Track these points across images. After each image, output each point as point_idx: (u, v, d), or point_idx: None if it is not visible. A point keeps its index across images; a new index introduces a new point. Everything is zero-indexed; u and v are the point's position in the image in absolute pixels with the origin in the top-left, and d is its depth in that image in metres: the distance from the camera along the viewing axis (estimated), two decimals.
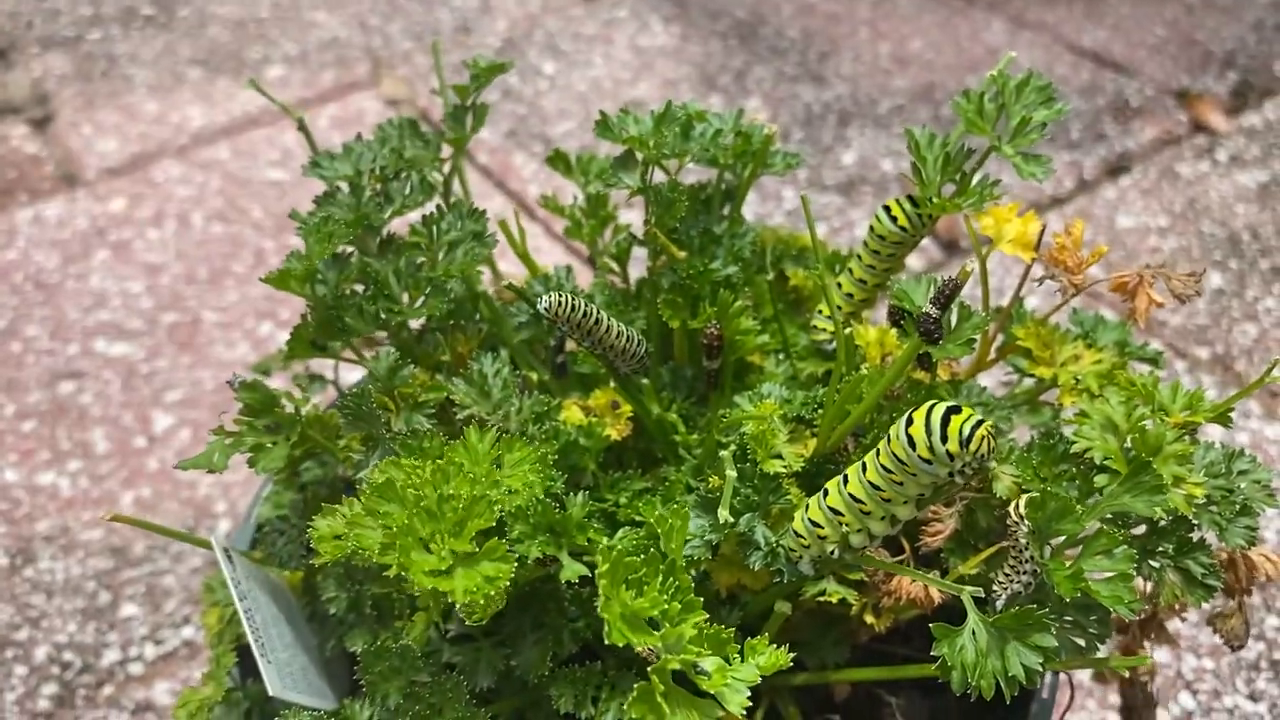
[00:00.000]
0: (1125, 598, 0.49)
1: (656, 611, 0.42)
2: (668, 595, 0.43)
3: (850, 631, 0.65)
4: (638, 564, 0.43)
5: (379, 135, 0.71)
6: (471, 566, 0.44)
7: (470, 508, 0.45)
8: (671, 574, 0.44)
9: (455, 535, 0.44)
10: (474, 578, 0.43)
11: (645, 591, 0.43)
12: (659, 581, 0.43)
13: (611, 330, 0.60)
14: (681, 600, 0.43)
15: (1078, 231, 0.63)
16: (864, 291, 0.69)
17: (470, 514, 0.45)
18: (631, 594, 0.42)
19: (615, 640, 0.41)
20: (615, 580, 0.42)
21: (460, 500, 0.45)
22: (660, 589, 0.43)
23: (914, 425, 0.47)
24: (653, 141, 0.64)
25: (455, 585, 0.43)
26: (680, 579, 0.44)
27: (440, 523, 0.44)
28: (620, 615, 0.42)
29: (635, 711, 0.40)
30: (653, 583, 0.43)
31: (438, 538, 0.44)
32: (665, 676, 0.42)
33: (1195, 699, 1.06)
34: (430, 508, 0.44)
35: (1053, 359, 0.63)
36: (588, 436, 0.63)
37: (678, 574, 0.44)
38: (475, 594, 0.43)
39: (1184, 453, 0.55)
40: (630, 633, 0.41)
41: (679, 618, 0.43)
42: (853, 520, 0.52)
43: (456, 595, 0.43)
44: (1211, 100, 1.79)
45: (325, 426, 0.62)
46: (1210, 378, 1.36)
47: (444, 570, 0.43)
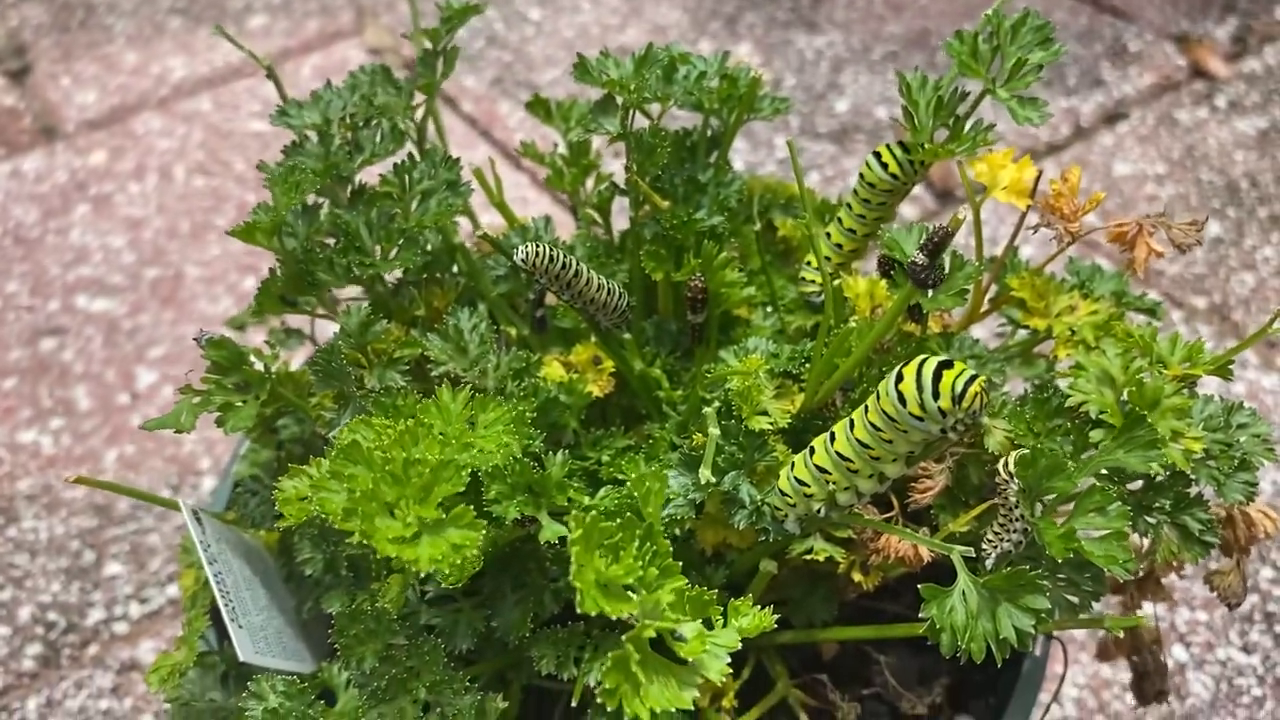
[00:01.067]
0: (1119, 557, 0.47)
1: (632, 579, 0.41)
2: (644, 561, 0.41)
3: (838, 589, 0.64)
4: (613, 529, 0.41)
5: (350, 82, 0.68)
6: (438, 534, 0.42)
7: (438, 473, 0.43)
8: (649, 539, 0.42)
9: (421, 501, 0.42)
10: (440, 546, 0.42)
11: (621, 558, 0.41)
12: (635, 547, 0.41)
13: (592, 283, 0.57)
14: (659, 565, 0.42)
15: (1074, 178, 0.60)
16: (854, 242, 0.66)
17: (437, 479, 0.43)
18: (606, 560, 0.41)
19: (588, 609, 0.39)
20: (589, 546, 0.40)
21: (427, 465, 0.43)
22: (637, 555, 0.41)
23: (904, 381, 0.45)
24: (633, 85, 0.62)
25: (420, 554, 0.41)
26: (658, 543, 0.42)
27: (405, 488, 0.43)
28: (594, 583, 0.40)
29: (610, 681, 0.39)
30: (629, 548, 0.41)
31: (403, 503, 0.42)
32: (642, 644, 0.40)
33: (1188, 651, 1.06)
34: (396, 472, 0.42)
35: (1047, 310, 0.61)
36: (569, 393, 0.61)
37: (655, 538, 0.42)
38: (441, 562, 0.41)
39: (1182, 406, 0.53)
40: (604, 600, 0.40)
41: (656, 583, 0.41)
42: (840, 478, 0.50)
43: (421, 564, 0.41)
44: (1211, 45, 1.75)
45: (297, 384, 0.60)
46: (1207, 327, 1.34)
47: (408, 538, 0.41)
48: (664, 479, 0.45)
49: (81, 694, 1.04)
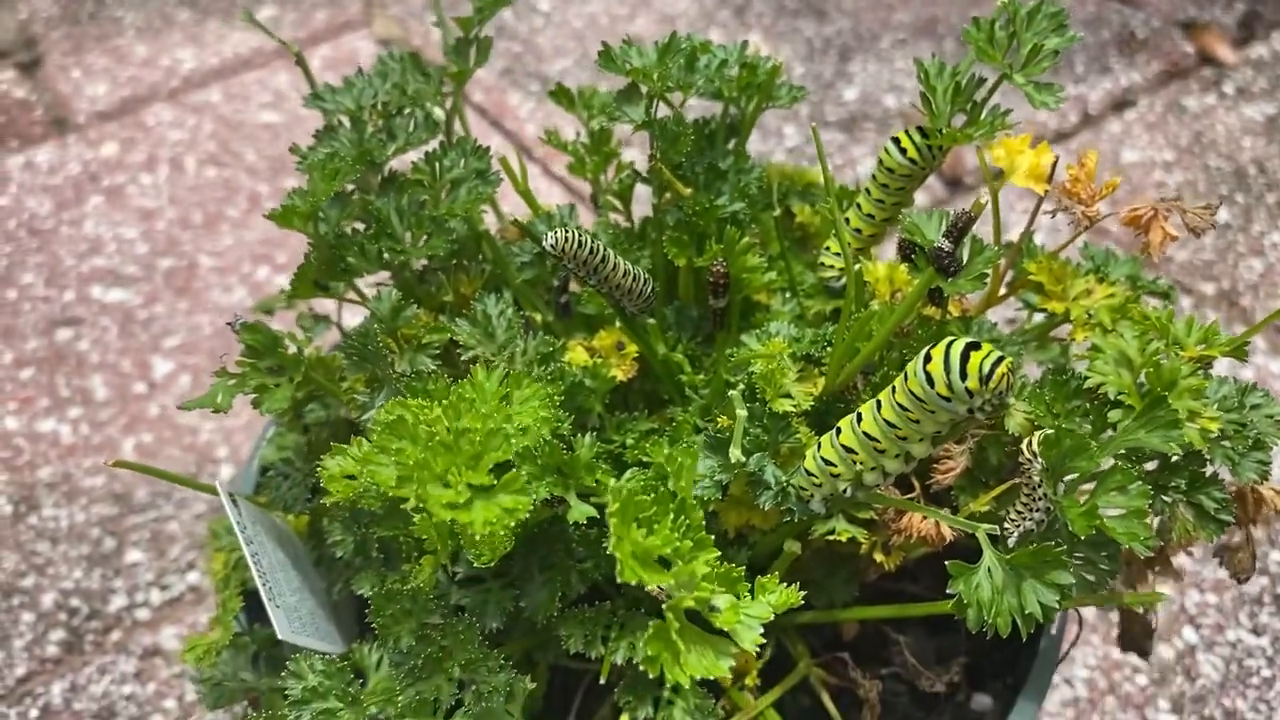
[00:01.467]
0: (1140, 534, 0.48)
1: (669, 550, 0.42)
2: (679, 533, 0.42)
3: (858, 570, 0.65)
4: (648, 503, 0.42)
5: (379, 69, 0.69)
6: (490, 499, 0.44)
7: (487, 440, 0.44)
8: (682, 512, 0.43)
9: (472, 468, 0.44)
10: (493, 510, 0.43)
11: (656, 530, 0.42)
12: (670, 520, 0.43)
13: (618, 269, 0.58)
14: (693, 538, 0.43)
15: (1091, 163, 0.61)
16: (872, 226, 0.67)
17: (487, 447, 0.44)
18: (643, 533, 0.42)
19: (627, 578, 0.40)
20: (626, 519, 0.41)
21: (476, 433, 0.44)
22: (671, 527, 0.42)
23: (932, 362, 0.46)
24: (657, 74, 0.63)
25: (474, 517, 0.42)
26: (691, 517, 0.43)
27: (457, 456, 0.44)
28: (632, 553, 0.41)
29: (651, 649, 0.40)
30: (663, 521, 0.43)
31: (454, 471, 0.43)
32: (679, 614, 0.41)
33: (1198, 633, 1.07)
34: (446, 442, 0.44)
35: (1064, 294, 0.62)
36: (593, 377, 0.62)
37: (688, 512, 0.43)
38: (495, 525, 0.43)
39: (1199, 387, 0.54)
40: (642, 570, 0.41)
41: (691, 555, 0.43)
42: (867, 458, 0.51)
43: (476, 526, 0.42)
44: (1218, 31, 1.76)
45: (328, 368, 0.61)
46: (1216, 313, 1.35)
47: (462, 503, 0.43)
48: (694, 455, 0.46)
49: (105, 679, 1.05)
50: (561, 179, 1.54)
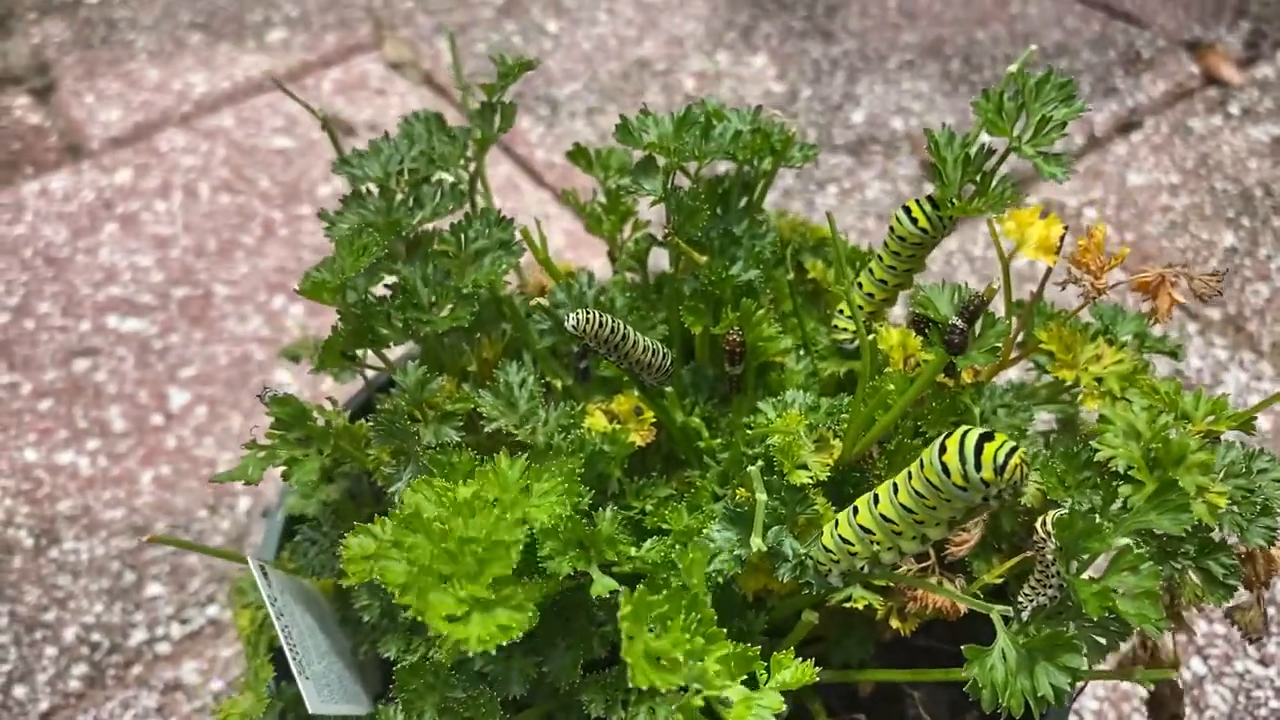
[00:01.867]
0: (1152, 616, 0.49)
1: (680, 652, 0.43)
2: (690, 632, 0.44)
3: (874, 629, 0.66)
4: (660, 601, 0.44)
5: (405, 131, 0.71)
6: (487, 613, 0.45)
7: (490, 551, 0.45)
8: (694, 608, 0.44)
9: (473, 579, 0.45)
10: (489, 625, 0.44)
11: (669, 628, 0.44)
12: (681, 619, 0.44)
13: (638, 345, 0.60)
14: (705, 634, 0.44)
15: (1100, 235, 0.62)
16: (885, 291, 0.69)
17: (490, 558, 0.45)
18: (656, 633, 0.43)
19: (639, 683, 0.42)
20: (638, 621, 0.43)
21: (481, 543, 0.45)
22: (683, 626, 0.44)
23: (947, 453, 0.47)
24: (673, 146, 0.64)
25: (470, 633, 0.44)
26: (703, 613, 0.44)
27: (459, 564, 0.45)
28: (644, 655, 0.42)
29: None
30: (676, 620, 0.44)
31: (456, 580, 0.45)
32: (691, 713, 0.43)
33: (1206, 664, 1.08)
34: (451, 549, 0.45)
35: (1074, 361, 0.63)
36: (612, 443, 0.64)
37: (700, 608, 0.44)
38: (488, 643, 0.44)
39: (1207, 462, 0.55)
40: (654, 674, 0.42)
41: (702, 652, 0.44)
42: (884, 539, 0.52)
43: (471, 644, 0.44)
44: (1224, 51, 1.77)
45: (354, 437, 0.62)
46: (1222, 339, 1.36)
47: (459, 616, 0.44)
48: (706, 551, 0.48)
49: (128, 714, 1.07)
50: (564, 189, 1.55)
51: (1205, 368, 1.33)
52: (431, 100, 1.72)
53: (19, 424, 1.32)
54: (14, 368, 1.39)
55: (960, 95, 1.71)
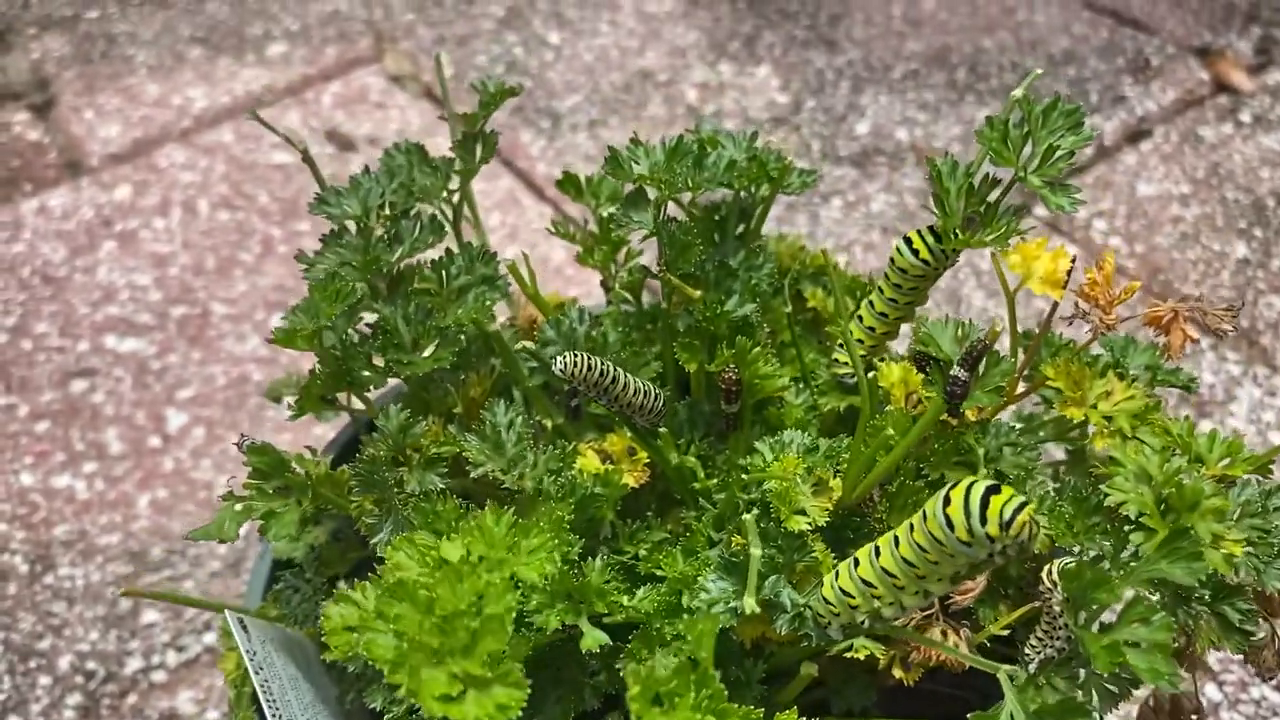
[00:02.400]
0: (1164, 670, 0.47)
1: None
2: (701, 711, 0.42)
3: (876, 676, 0.64)
4: (667, 679, 0.42)
5: (386, 165, 0.69)
6: (484, 691, 0.43)
7: (484, 624, 0.43)
8: (704, 684, 0.42)
9: (466, 655, 0.43)
10: (486, 705, 0.42)
11: (678, 706, 0.42)
12: (691, 697, 0.42)
13: (628, 388, 0.58)
14: (715, 710, 0.42)
15: (1109, 267, 0.60)
16: (886, 324, 0.67)
17: (483, 632, 0.43)
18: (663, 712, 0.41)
19: None
20: (646, 699, 0.41)
21: (471, 617, 0.43)
22: (693, 705, 0.42)
23: (951, 505, 0.45)
24: (665, 178, 0.62)
25: (466, 714, 0.42)
26: (713, 689, 0.42)
27: (451, 639, 0.43)
28: None
29: None
30: (685, 696, 0.42)
31: (449, 657, 0.43)
32: None
33: (1221, 691, 1.06)
34: (441, 624, 0.43)
35: (1083, 398, 0.61)
36: (605, 485, 0.62)
37: (709, 683, 0.42)
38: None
39: (1222, 508, 0.53)
40: None
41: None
42: (885, 593, 0.50)
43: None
44: (1234, 58, 1.74)
45: (336, 484, 0.60)
46: (1235, 354, 1.33)
47: (454, 695, 0.42)
48: (716, 622, 0.45)
49: None
50: (573, 218, 1.53)
51: (1218, 384, 1.30)
52: (431, 113, 1.70)
53: (15, 447, 1.31)
54: (11, 389, 1.37)
55: (966, 104, 1.69)
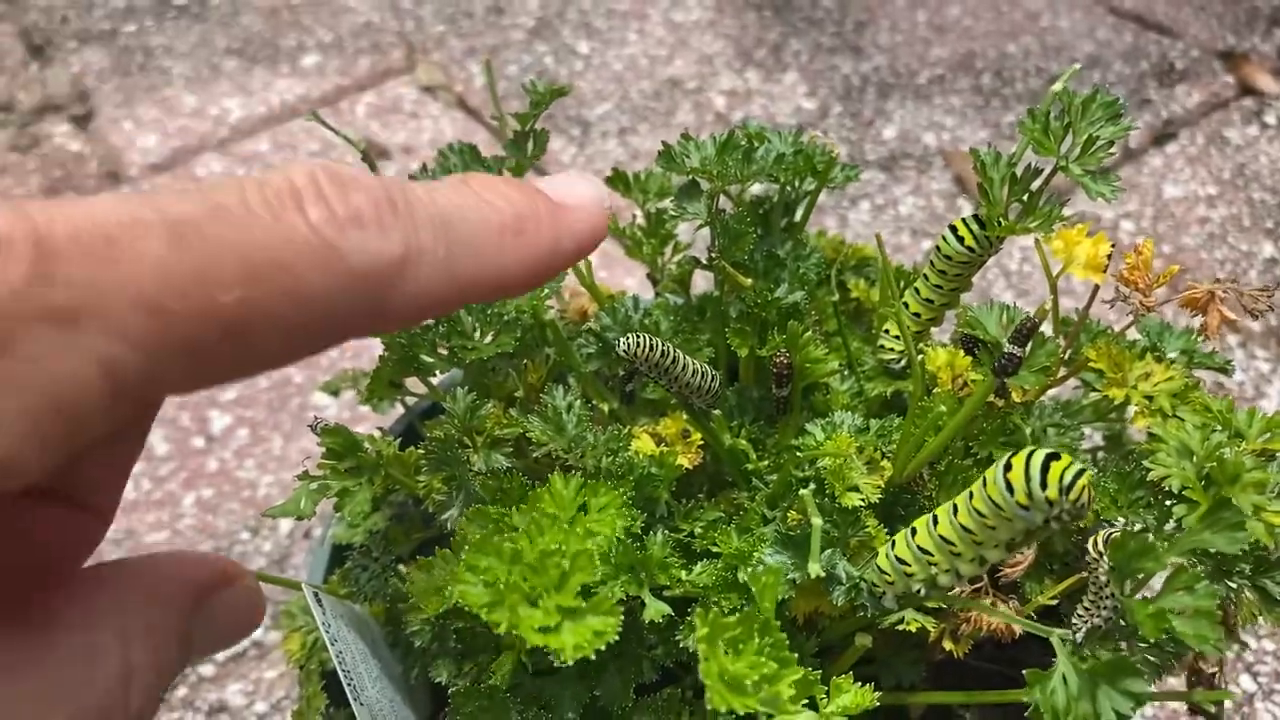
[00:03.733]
0: (1210, 636, 0.49)
1: (756, 675, 0.43)
2: (764, 655, 0.44)
3: (925, 650, 0.66)
4: (733, 624, 0.44)
5: (441, 163, 0.71)
6: (578, 621, 0.45)
7: (574, 561, 0.46)
8: (767, 632, 0.44)
9: (559, 590, 0.45)
10: (583, 632, 0.44)
11: (743, 652, 0.44)
12: (755, 643, 0.44)
13: (687, 368, 0.60)
14: (777, 658, 0.44)
15: (1148, 252, 0.62)
16: (931, 310, 0.69)
17: (574, 568, 0.46)
18: (730, 657, 0.43)
19: (717, 706, 0.42)
20: (714, 643, 0.43)
21: (564, 554, 0.46)
22: (757, 649, 0.44)
23: (1013, 471, 0.47)
24: (717, 170, 0.64)
25: (565, 641, 0.44)
26: (775, 637, 0.44)
27: (543, 577, 0.45)
28: (719, 677, 0.43)
29: None
30: (749, 643, 0.44)
31: (543, 594, 0.45)
32: None
33: (1256, 681, 1.07)
34: (533, 563, 0.45)
35: (1124, 379, 0.63)
36: (660, 466, 0.64)
37: (772, 632, 0.45)
38: (585, 649, 0.44)
39: (1262, 481, 0.55)
40: (731, 696, 0.42)
41: (776, 676, 0.44)
42: (942, 560, 0.52)
43: (567, 652, 0.44)
44: (1259, 60, 1.75)
45: (404, 464, 0.63)
46: (1264, 351, 1.35)
47: (552, 627, 0.44)
48: (779, 573, 0.48)
49: None
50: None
51: (1248, 380, 1.32)
52: (464, 122, 1.73)
53: None
54: None
55: (992, 109, 1.71)
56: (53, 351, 0.24)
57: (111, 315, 0.25)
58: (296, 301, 0.27)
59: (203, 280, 0.26)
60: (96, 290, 0.24)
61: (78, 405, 0.25)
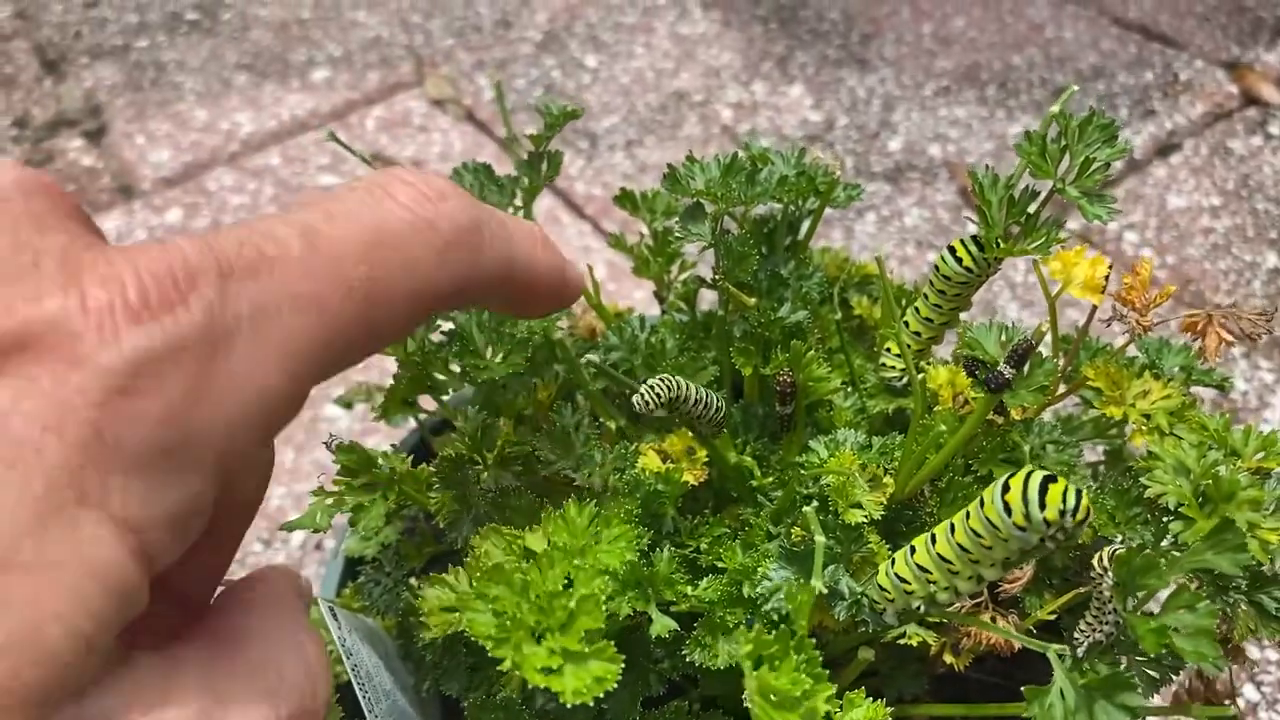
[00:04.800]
0: (1209, 654, 0.50)
1: (797, 691, 0.44)
2: (802, 671, 0.45)
3: (928, 663, 0.67)
4: (771, 642, 0.45)
5: (455, 181, 0.73)
6: (580, 665, 0.46)
7: (580, 605, 0.47)
8: (802, 649, 0.46)
9: (564, 632, 0.46)
10: (584, 678, 0.45)
11: (780, 669, 0.45)
12: (793, 659, 0.45)
13: (700, 402, 0.61)
14: (812, 674, 0.45)
15: (1145, 271, 0.63)
16: (931, 329, 0.70)
17: (580, 611, 0.47)
18: (769, 672, 0.45)
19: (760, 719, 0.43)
20: (753, 660, 0.44)
21: (570, 597, 0.47)
22: (795, 665, 0.45)
23: (1010, 492, 0.48)
24: (720, 193, 0.65)
25: (565, 685, 0.45)
26: (809, 654, 0.46)
27: (550, 618, 0.47)
28: (759, 693, 0.44)
29: None
30: (787, 660, 0.45)
31: (548, 633, 0.46)
32: None
33: (1260, 691, 1.08)
34: (541, 604, 0.47)
35: (1122, 397, 0.64)
36: (666, 483, 0.65)
37: (807, 649, 0.46)
38: (584, 695, 0.45)
39: (1257, 499, 0.56)
40: (776, 713, 0.44)
41: (813, 692, 0.45)
42: (940, 578, 0.54)
43: (566, 696, 0.45)
44: (1262, 71, 1.76)
45: (417, 480, 0.64)
46: (1268, 362, 1.35)
47: (555, 669, 0.45)
48: (812, 591, 0.49)
49: None
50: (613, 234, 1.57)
51: (1251, 390, 1.32)
52: (473, 136, 1.75)
53: None
54: None
55: (997, 120, 1.72)
56: (247, 354, 0.29)
57: (282, 313, 0.30)
58: (406, 267, 0.33)
59: (337, 264, 0.31)
60: (267, 294, 0.30)
61: (270, 402, 0.30)
